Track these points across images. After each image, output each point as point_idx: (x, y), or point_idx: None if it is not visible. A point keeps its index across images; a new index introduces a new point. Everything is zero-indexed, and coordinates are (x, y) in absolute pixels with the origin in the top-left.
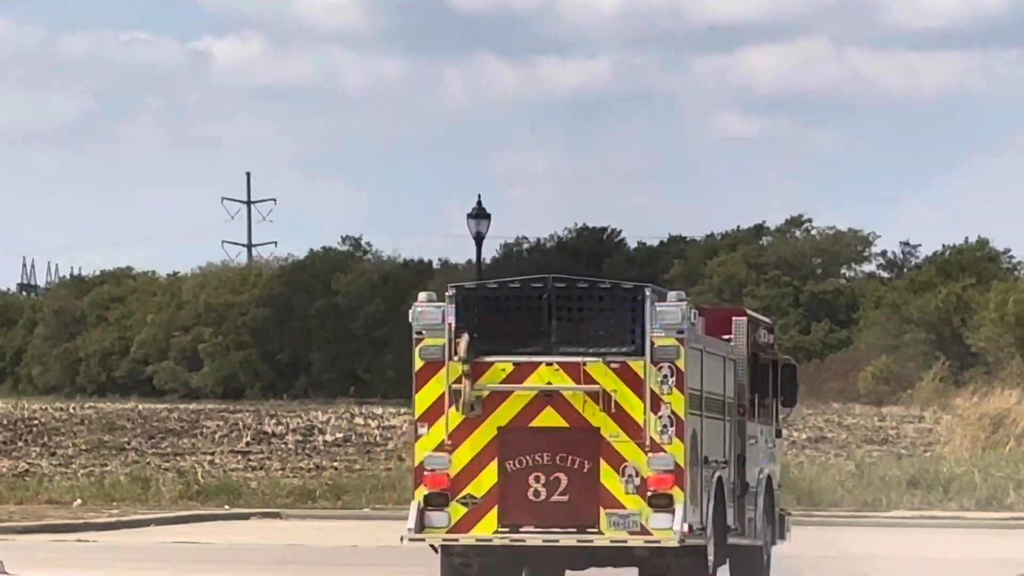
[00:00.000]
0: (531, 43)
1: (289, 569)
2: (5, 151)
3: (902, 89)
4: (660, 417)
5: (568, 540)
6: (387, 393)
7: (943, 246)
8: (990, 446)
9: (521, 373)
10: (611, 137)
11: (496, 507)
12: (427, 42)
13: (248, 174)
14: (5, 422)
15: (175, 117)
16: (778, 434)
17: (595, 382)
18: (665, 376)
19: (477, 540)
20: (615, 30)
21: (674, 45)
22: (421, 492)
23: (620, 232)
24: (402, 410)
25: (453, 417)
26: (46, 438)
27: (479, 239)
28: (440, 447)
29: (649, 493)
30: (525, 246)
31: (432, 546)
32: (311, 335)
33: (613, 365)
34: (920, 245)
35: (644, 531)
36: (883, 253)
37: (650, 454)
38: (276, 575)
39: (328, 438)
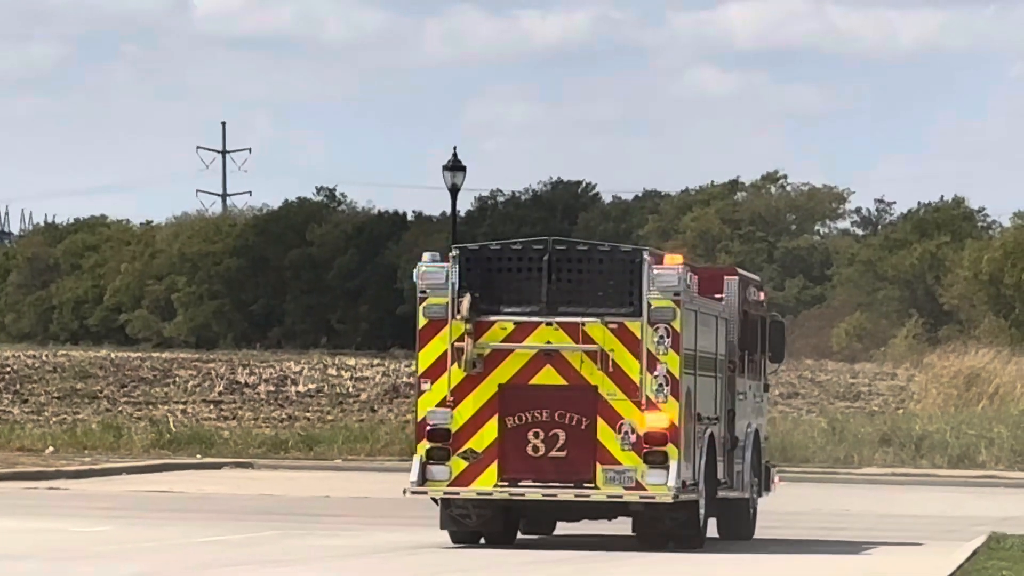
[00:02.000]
0: None
1: (261, 519)
2: None
3: (880, 45)
4: (656, 376)
5: (566, 495)
6: (361, 345)
7: (919, 203)
8: (962, 404)
9: (522, 332)
10: (589, 91)
11: (496, 461)
12: None
13: (223, 124)
14: None
15: (153, 65)
16: (765, 388)
17: (593, 342)
18: (661, 337)
19: (478, 494)
20: None
21: None
22: (423, 446)
23: (595, 186)
24: (375, 361)
25: (455, 374)
26: (19, 385)
27: (454, 191)
28: (442, 403)
29: (645, 450)
30: (500, 199)
31: (433, 498)
32: (285, 285)
33: (611, 325)
34: (895, 202)
35: (639, 487)
36: (858, 210)
37: (646, 412)
38: (248, 524)
39: (301, 389)
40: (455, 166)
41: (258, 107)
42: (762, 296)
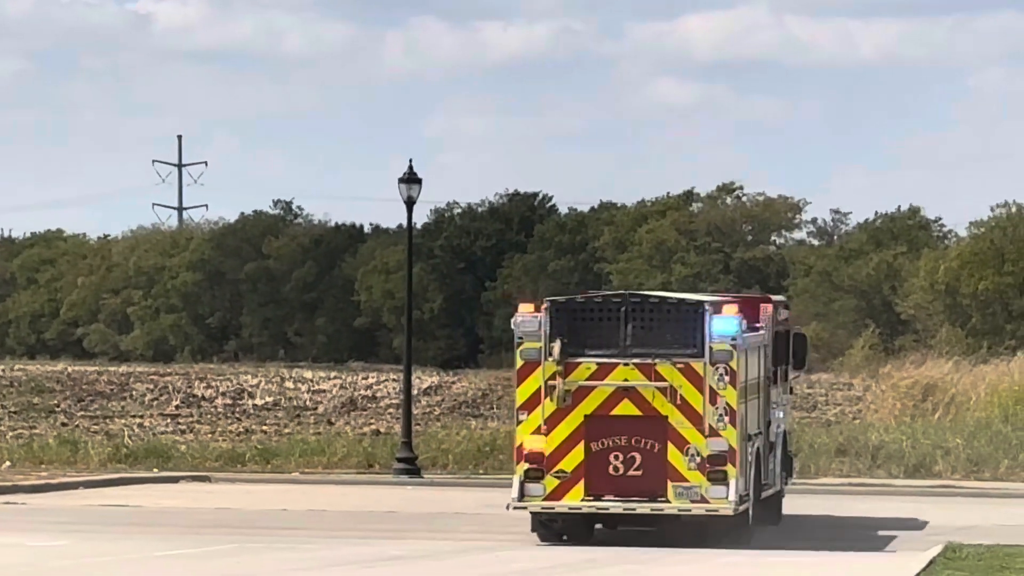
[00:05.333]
0: (473, 8)
1: (218, 532)
2: None
3: (840, 56)
4: (717, 408)
5: (643, 508)
6: (318, 357)
7: (875, 213)
8: (919, 414)
9: (603, 371)
10: (548, 102)
11: (583, 480)
12: (369, 6)
13: (179, 137)
14: None
15: (112, 79)
16: (790, 391)
17: (664, 379)
18: (721, 375)
19: (569, 508)
20: None
21: (614, 11)
22: (521, 468)
23: (551, 198)
24: (332, 374)
25: (548, 407)
26: None
27: (410, 204)
28: (537, 431)
29: (708, 469)
30: (456, 211)
31: (531, 512)
32: (241, 298)
33: (679, 365)
34: (851, 212)
35: (704, 500)
36: (813, 220)
37: (709, 438)
38: (205, 538)
39: (258, 402)
40: (411, 179)
41: (217, 120)
42: (787, 314)
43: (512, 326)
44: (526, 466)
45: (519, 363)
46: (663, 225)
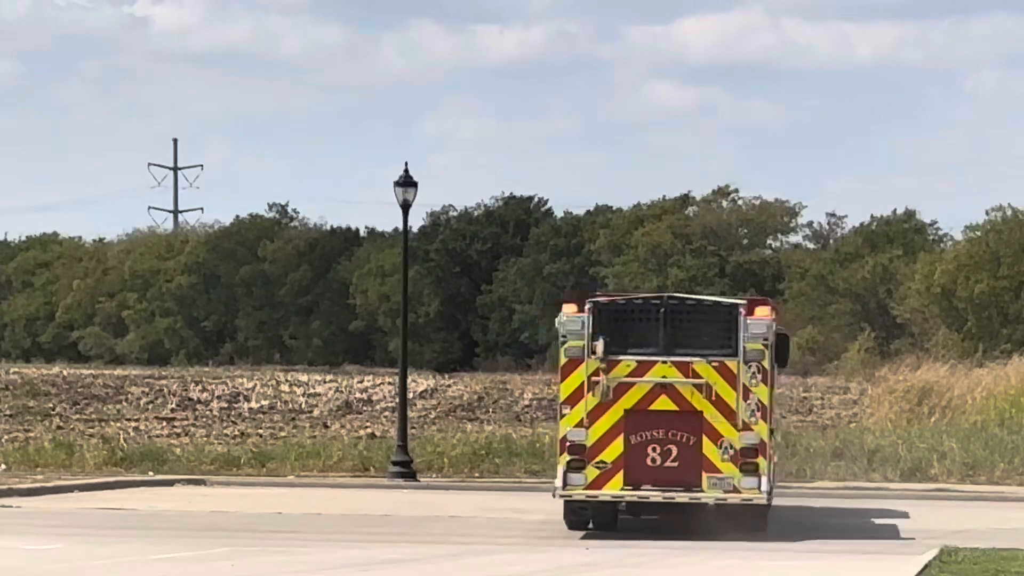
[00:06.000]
0: (469, 11)
1: (214, 536)
2: None
3: (836, 59)
4: (749, 404)
5: (681, 497)
6: (313, 360)
7: (871, 217)
8: (914, 418)
9: (643, 368)
10: (545, 105)
11: (622, 470)
12: (365, 9)
13: (175, 140)
14: None
15: (108, 82)
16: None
17: (700, 376)
18: (754, 373)
19: (612, 496)
20: None
21: (610, 14)
22: (564, 458)
23: (547, 201)
24: (327, 377)
25: (590, 401)
26: None
27: (405, 207)
28: (580, 424)
29: (741, 462)
30: (452, 214)
31: (575, 499)
32: (237, 302)
33: (714, 363)
34: (846, 216)
35: (736, 491)
36: (809, 224)
37: (741, 432)
38: (200, 542)
39: (253, 405)
40: (406, 182)
41: (213, 123)
42: (774, 315)
43: (556, 325)
44: (568, 457)
45: (563, 360)
46: (659, 228)
